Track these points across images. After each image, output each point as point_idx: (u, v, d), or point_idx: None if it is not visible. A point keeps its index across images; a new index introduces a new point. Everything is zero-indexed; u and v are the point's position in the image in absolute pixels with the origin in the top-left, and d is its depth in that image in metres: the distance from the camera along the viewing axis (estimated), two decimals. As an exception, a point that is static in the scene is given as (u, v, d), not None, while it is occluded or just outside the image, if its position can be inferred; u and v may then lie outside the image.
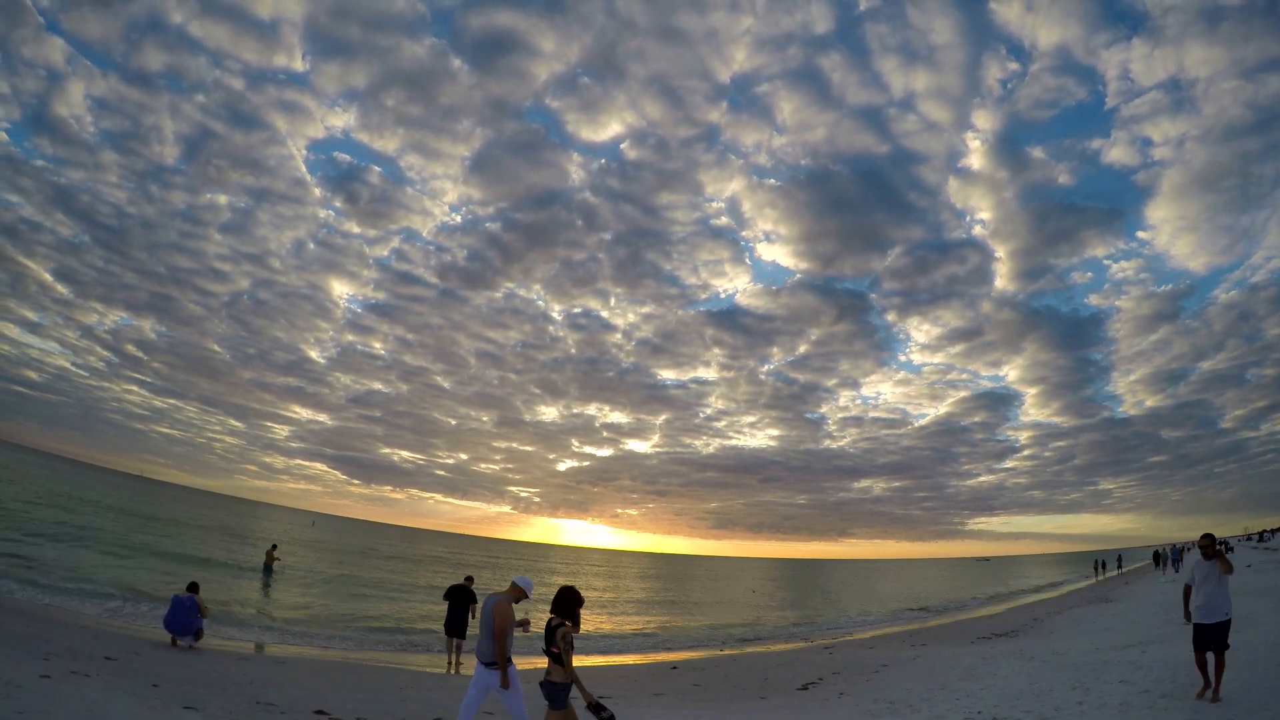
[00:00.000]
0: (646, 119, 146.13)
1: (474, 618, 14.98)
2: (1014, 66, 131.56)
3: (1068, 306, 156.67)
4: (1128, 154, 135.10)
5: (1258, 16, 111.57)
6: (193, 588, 14.00)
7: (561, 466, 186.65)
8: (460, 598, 15.01)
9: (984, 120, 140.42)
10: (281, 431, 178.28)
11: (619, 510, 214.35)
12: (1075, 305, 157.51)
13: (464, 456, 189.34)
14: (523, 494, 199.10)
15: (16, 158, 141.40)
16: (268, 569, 29.06)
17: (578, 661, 16.60)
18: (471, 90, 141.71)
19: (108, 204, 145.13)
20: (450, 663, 14.95)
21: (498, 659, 6.46)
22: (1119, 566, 60.02)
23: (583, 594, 6.04)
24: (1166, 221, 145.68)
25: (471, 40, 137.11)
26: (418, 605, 27.52)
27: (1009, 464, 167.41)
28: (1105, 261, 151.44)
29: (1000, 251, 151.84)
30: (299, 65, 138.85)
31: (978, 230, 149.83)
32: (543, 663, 6.03)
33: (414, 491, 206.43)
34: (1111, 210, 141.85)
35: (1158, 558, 58.46)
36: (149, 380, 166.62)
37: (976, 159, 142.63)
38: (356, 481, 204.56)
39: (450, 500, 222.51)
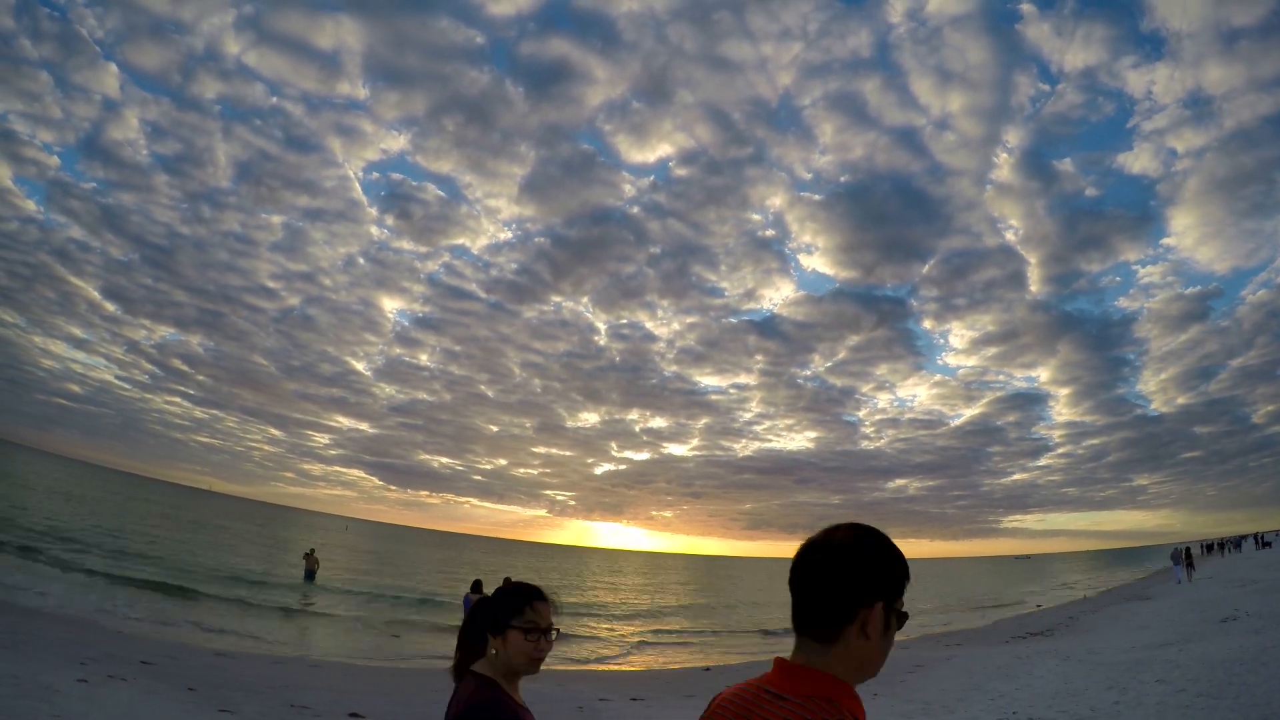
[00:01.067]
0: (694, 139, 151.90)
1: None
2: (1043, 86, 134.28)
3: (1098, 309, 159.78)
4: (1151, 165, 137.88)
5: (1273, 33, 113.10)
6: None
7: (599, 470, 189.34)
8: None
9: (1014, 136, 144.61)
10: (321, 439, 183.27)
11: (653, 512, 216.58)
12: (1106, 308, 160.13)
13: (503, 462, 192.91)
14: (559, 497, 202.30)
15: (67, 181, 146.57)
16: (310, 574, 29.60)
17: (606, 667, 16.78)
18: (527, 115, 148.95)
19: (159, 224, 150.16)
20: None
21: None
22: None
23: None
24: (1192, 227, 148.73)
25: (527, 69, 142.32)
26: (453, 608, 27.86)
27: (1043, 461, 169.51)
28: (1134, 266, 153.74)
29: (1032, 259, 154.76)
30: (359, 93, 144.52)
31: (1010, 238, 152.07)
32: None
33: (449, 496, 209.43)
34: (1137, 217, 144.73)
35: (1208, 549, 65.84)
36: (191, 392, 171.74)
37: (1008, 172, 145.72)
38: (393, 487, 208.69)
39: (486, 504, 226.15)
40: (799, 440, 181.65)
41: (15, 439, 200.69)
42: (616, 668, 17.79)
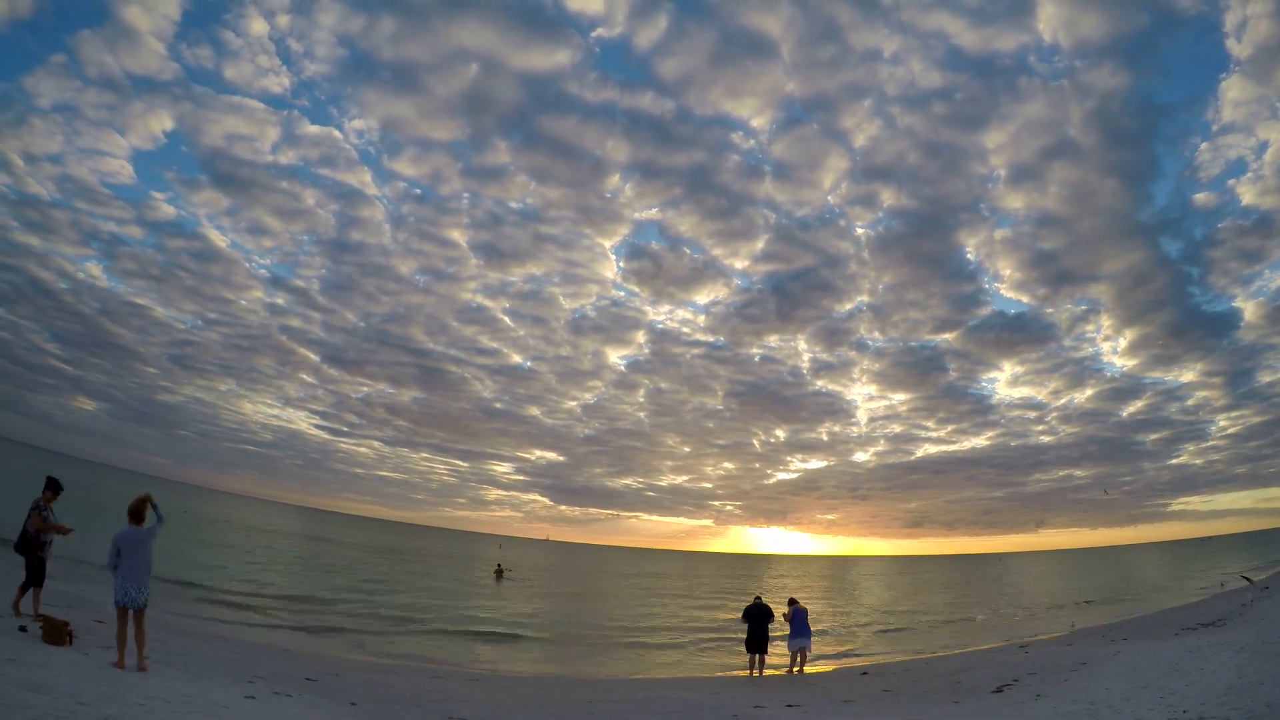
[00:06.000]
0: (913, 200, 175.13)
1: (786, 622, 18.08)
2: (1194, 139, 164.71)
3: (1249, 306, 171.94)
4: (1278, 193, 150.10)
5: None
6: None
7: (771, 480, 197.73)
8: (760, 617, 17.61)
9: (1166, 180, 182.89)
10: (504, 468, 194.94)
11: (817, 516, 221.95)
12: (1255, 305, 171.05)
13: (683, 479, 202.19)
14: (726, 507, 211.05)
15: (301, 260, 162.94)
16: (500, 575, 35.57)
17: (761, 672, 17.53)
18: (771, 193, 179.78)
19: (389, 296, 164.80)
20: (751, 673, 17.60)
21: None
22: None
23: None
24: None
25: (774, 157, 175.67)
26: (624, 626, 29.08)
27: (1207, 444, 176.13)
28: (1276, 271, 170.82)
29: (1190, 271, 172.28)
30: (618, 183, 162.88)
31: (1170, 255, 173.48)
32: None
33: (616, 511, 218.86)
34: (1271, 232, 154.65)
35: None
36: (385, 435, 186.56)
37: (1162, 207, 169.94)
38: (562, 506, 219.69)
39: (652, 518, 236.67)
40: (975, 441, 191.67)
41: (196, 481, 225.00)
42: (770, 673, 18.13)
